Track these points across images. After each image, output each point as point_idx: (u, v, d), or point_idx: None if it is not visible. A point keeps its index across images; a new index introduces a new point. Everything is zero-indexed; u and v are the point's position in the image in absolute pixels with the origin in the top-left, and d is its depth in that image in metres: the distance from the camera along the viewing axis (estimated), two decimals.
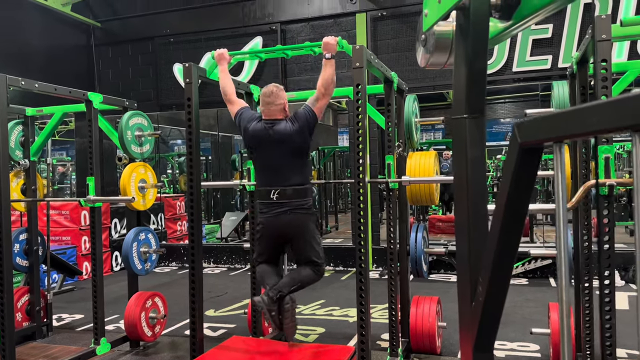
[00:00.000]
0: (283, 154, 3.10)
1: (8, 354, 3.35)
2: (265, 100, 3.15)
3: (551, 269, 6.48)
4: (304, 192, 3.13)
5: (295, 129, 3.08)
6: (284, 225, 3.11)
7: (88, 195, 3.98)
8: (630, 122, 0.60)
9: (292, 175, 3.11)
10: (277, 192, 3.08)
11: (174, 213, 9.36)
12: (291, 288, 3.10)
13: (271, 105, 3.13)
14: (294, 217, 3.09)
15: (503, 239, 1.01)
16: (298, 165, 3.13)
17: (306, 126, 3.09)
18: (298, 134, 3.08)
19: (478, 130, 1.22)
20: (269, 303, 3.04)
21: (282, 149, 3.09)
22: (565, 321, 0.87)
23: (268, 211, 3.13)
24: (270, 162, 3.14)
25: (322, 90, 3.07)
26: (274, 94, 3.13)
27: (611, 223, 2.69)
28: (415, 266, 3.88)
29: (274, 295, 3.05)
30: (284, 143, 3.08)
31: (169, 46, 8.60)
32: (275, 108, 3.13)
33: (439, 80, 7.25)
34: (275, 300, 3.05)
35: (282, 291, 3.07)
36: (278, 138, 3.08)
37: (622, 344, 3.80)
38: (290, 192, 3.08)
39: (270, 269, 3.27)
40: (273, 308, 3.04)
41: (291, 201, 3.08)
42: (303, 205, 3.11)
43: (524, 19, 1.20)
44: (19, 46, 7.49)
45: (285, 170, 3.11)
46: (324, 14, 7.72)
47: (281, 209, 3.09)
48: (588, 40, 2.89)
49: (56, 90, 3.89)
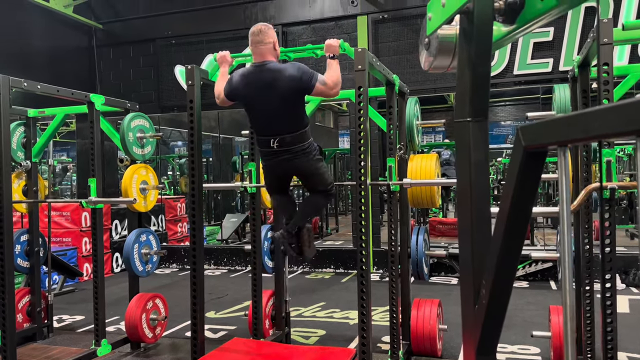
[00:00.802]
0: (276, 98, 2.97)
1: (9, 355, 3.35)
2: (254, 40, 3.00)
3: (552, 272, 6.47)
4: (303, 136, 3.08)
5: (289, 72, 2.94)
6: (289, 168, 3.17)
7: (89, 197, 3.98)
8: (635, 127, 0.60)
9: (289, 121, 3.04)
10: (277, 141, 3.04)
11: (175, 215, 9.36)
12: (306, 219, 3.29)
13: (260, 44, 3.00)
14: (298, 161, 3.10)
15: (507, 241, 1.02)
16: (293, 109, 3.04)
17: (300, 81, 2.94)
18: (290, 79, 2.94)
19: (481, 134, 1.22)
20: (288, 237, 3.23)
21: (274, 91, 2.97)
22: (569, 324, 0.87)
23: (271, 158, 3.13)
24: (265, 107, 3.03)
25: (331, 84, 2.96)
26: (262, 32, 3.01)
27: (612, 226, 2.69)
28: (416, 269, 3.89)
29: (292, 229, 3.22)
30: (275, 84, 2.95)
31: (170, 48, 8.62)
32: (265, 47, 3.00)
33: (440, 83, 7.26)
34: (294, 234, 3.23)
35: (299, 224, 3.24)
36: (270, 77, 2.96)
37: (624, 347, 3.80)
38: (290, 139, 3.03)
39: (283, 199, 3.40)
40: (293, 241, 3.23)
41: (292, 147, 3.05)
42: (304, 149, 3.09)
43: (527, 23, 1.21)
44: (20, 47, 7.50)
45: (281, 117, 3.02)
46: (325, 17, 7.73)
47: (283, 156, 3.08)
48: (590, 44, 2.89)
49: (58, 92, 3.90)
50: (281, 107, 3.01)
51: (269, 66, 3.00)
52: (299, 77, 2.94)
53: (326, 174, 3.28)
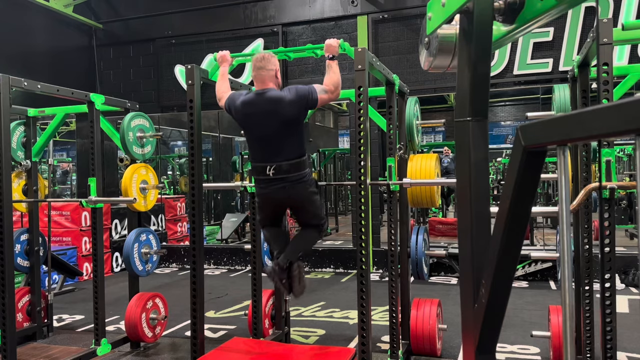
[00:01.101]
0: (276, 125, 2.99)
1: (9, 354, 3.35)
2: (256, 65, 3.05)
3: (551, 272, 6.48)
4: (300, 164, 3.07)
5: (290, 99, 2.97)
6: (284, 198, 3.14)
7: (89, 196, 3.98)
8: (635, 126, 0.60)
9: (287, 149, 3.03)
10: (273, 168, 3.02)
11: (175, 214, 9.36)
12: (298, 255, 3.23)
13: (262, 70, 3.04)
14: (293, 191, 3.08)
15: (506, 241, 1.02)
16: (292, 137, 3.04)
17: (302, 102, 2.99)
18: (290, 104, 2.97)
19: (481, 133, 1.23)
20: (279, 272, 3.16)
21: (274, 119, 2.99)
22: (569, 323, 0.87)
23: (266, 186, 3.10)
24: (264, 134, 3.04)
25: (332, 88, 2.99)
26: (265, 59, 3.05)
27: (612, 226, 2.69)
28: (415, 268, 3.89)
29: (284, 264, 3.15)
30: (275, 112, 2.98)
31: (170, 47, 8.62)
32: (267, 74, 3.04)
33: (439, 83, 7.26)
34: (285, 269, 3.17)
35: (290, 259, 3.18)
36: (270, 106, 2.99)
37: (623, 347, 3.81)
38: (287, 167, 3.02)
39: (275, 231, 3.36)
40: (283, 276, 3.17)
41: (288, 176, 3.04)
42: (300, 178, 3.07)
43: (526, 22, 1.21)
44: (21, 47, 7.50)
45: (279, 144, 3.03)
46: (325, 16, 7.73)
47: (279, 184, 3.05)
48: (590, 44, 2.90)
49: (58, 91, 3.90)
50: (280, 134, 3.02)
51: (270, 95, 3.01)
52: (300, 99, 2.98)
53: (320, 208, 3.28)
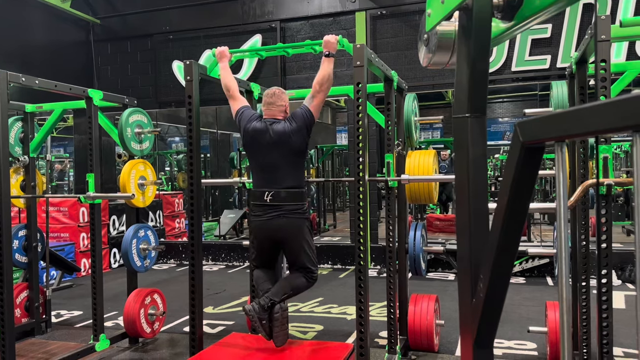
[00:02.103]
0: (280, 154, 3.09)
1: (7, 350, 3.36)
2: (267, 101, 3.20)
3: (548, 268, 6.50)
4: (298, 195, 3.10)
5: (293, 128, 3.09)
6: (277, 229, 3.09)
7: (88, 192, 3.98)
8: (633, 122, 0.61)
9: (287, 178, 3.09)
10: (271, 194, 3.06)
11: (173, 210, 9.36)
12: (282, 296, 3.10)
13: (272, 105, 3.18)
14: (287, 221, 3.07)
15: (504, 236, 1.03)
16: (294, 167, 3.12)
17: (304, 126, 3.10)
18: (296, 133, 3.08)
19: (479, 130, 1.23)
20: (259, 311, 3.02)
21: (279, 149, 3.09)
22: (566, 317, 0.88)
23: (262, 214, 3.11)
24: (267, 162, 3.13)
25: (317, 87, 3.08)
26: (276, 95, 3.19)
27: (609, 222, 2.71)
28: (413, 264, 3.90)
29: (265, 303, 3.03)
30: (281, 143, 3.09)
31: (168, 43, 8.59)
32: (276, 109, 3.18)
33: (438, 80, 7.26)
34: (267, 309, 3.03)
35: (273, 300, 3.06)
36: (276, 137, 3.09)
37: (619, 342, 3.83)
38: (285, 195, 3.06)
39: (265, 274, 3.27)
40: (264, 317, 3.03)
41: (285, 205, 3.06)
42: (297, 209, 3.09)
43: (525, 19, 1.21)
44: (18, 42, 7.47)
45: (280, 172, 3.10)
46: (324, 12, 7.72)
47: (274, 212, 3.07)
48: (587, 41, 2.90)
49: (56, 87, 3.89)
50: (283, 163, 3.10)
51: (278, 127, 3.12)
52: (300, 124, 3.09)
53: (313, 254, 3.22)
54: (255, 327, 3.08)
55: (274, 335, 3.06)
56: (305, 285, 3.20)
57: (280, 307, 3.06)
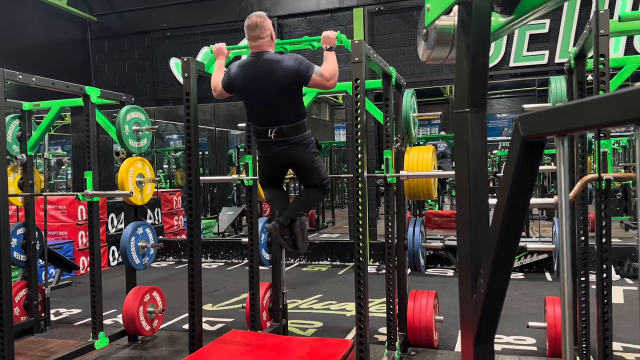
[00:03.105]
0: (275, 88, 3.00)
1: (6, 348, 3.35)
2: (250, 35, 3.02)
3: (547, 263, 6.51)
4: (301, 127, 3.10)
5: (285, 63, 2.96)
6: (284, 159, 3.18)
7: (86, 190, 3.97)
8: (635, 115, 0.60)
9: (287, 112, 3.06)
10: (275, 131, 3.05)
11: (171, 208, 9.34)
12: (299, 212, 3.29)
13: (258, 38, 3.02)
14: (294, 152, 3.11)
15: (505, 232, 1.02)
16: (291, 100, 3.07)
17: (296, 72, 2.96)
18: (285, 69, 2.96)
19: (479, 124, 1.23)
20: (280, 229, 3.24)
21: (273, 81, 2.99)
22: (568, 312, 0.88)
23: (267, 149, 3.15)
24: (263, 97, 3.05)
25: (328, 76, 2.98)
26: (259, 26, 3.00)
27: (608, 218, 2.70)
28: (412, 260, 3.90)
29: (284, 221, 3.23)
30: (272, 72, 2.99)
31: (165, 40, 8.56)
32: (263, 41, 3.02)
33: (436, 75, 7.25)
34: (287, 226, 3.24)
35: (291, 216, 3.25)
36: (267, 66, 2.99)
37: (618, 337, 3.84)
38: (288, 130, 3.06)
39: (277, 191, 3.42)
40: (285, 232, 3.25)
41: (289, 138, 3.07)
42: (301, 140, 3.10)
43: (525, 13, 1.21)
44: (15, 40, 7.44)
45: (279, 107, 3.05)
46: (321, 9, 7.69)
47: (281, 147, 3.09)
48: (586, 36, 2.89)
49: (53, 85, 3.87)
50: (278, 97, 3.03)
51: (266, 57, 3.02)
52: (296, 68, 2.97)
53: (322, 168, 3.30)
54: (279, 242, 3.39)
55: (297, 246, 3.31)
56: (319, 196, 3.43)
57: (299, 221, 3.27)
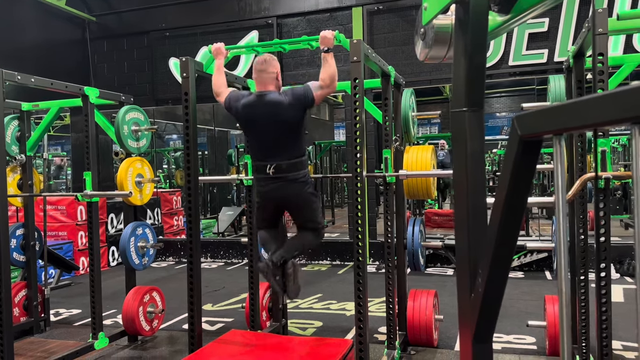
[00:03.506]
0: (276, 127, 3.05)
1: (6, 349, 3.35)
2: (257, 68, 3.10)
3: (547, 262, 6.51)
4: (300, 164, 3.11)
5: (288, 102, 3.02)
6: (282, 197, 3.16)
7: (85, 190, 3.96)
8: (632, 114, 0.60)
9: (287, 149, 3.08)
10: (274, 167, 3.06)
11: (171, 208, 9.34)
12: (293, 253, 3.21)
13: (263, 73, 3.08)
14: (291, 189, 3.11)
15: (503, 230, 1.02)
16: (292, 137, 3.09)
17: (300, 104, 3.03)
18: (290, 107, 3.02)
19: (477, 124, 1.23)
20: (273, 268, 3.13)
21: (274, 121, 3.03)
22: (565, 311, 0.88)
23: (265, 185, 3.14)
24: (265, 136, 3.09)
25: (328, 81, 3.01)
26: (267, 62, 3.10)
27: (607, 216, 2.70)
28: (412, 260, 3.90)
29: (277, 260, 3.13)
30: (275, 114, 3.03)
31: (164, 40, 8.56)
32: (268, 76, 3.09)
33: (435, 75, 7.25)
34: (279, 266, 3.14)
35: (285, 256, 3.16)
36: (270, 109, 3.03)
37: (618, 336, 3.83)
38: (287, 167, 3.07)
39: (271, 234, 3.34)
40: (277, 272, 3.14)
41: (287, 175, 3.08)
42: (299, 177, 3.10)
43: (522, 12, 1.21)
44: (13, 40, 7.44)
45: (279, 144, 3.08)
46: (320, 8, 7.69)
47: (278, 182, 3.09)
48: (585, 34, 2.89)
49: (52, 85, 3.87)
50: (280, 135, 3.07)
51: (270, 97, 3.05)
52: (298, 101, 3.02)
53: (318, 211, 3.28)
54: (270, 282, 3.20)
55: (287, 290, 3.19)
56: (314, 240, 3.30)
57: (292, 262, 3.18)
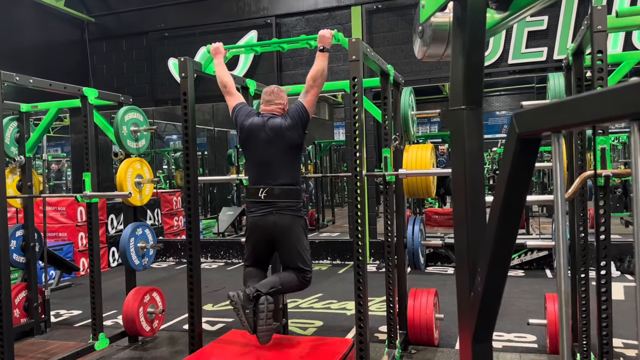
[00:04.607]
0: (275, 150, 3.07)
1: (6, 351, 3.35)
2: (266, 99, 3.19)
3: (547, 260, 6.51)
4: (293, 192, 3.05)
5: (288, 124, 3.07)
6: (270, 226, 3.01)
7: (84, 191, 3.96)
8: (630, 110, 0.60)
9: (282, 174, 3.06)
10: (265, 191, 3.03)
11: (171, 208, 9.34)
12: (270, 289, 2.93)
13: (271, 103, 3.17)
14: (280, 218, 2.99)
15: (501, 229, 1.02)
16: (289, 163, 3.10)
17: (299, 121, 3.07)
18: (291, 128, 3.06)
19: (476, 122, 1.22)
20: (244, 300, 2.83)
21: (274, 144, 3.07)
22: (564, 309, 0.87)
23: (255, 210, 3.07)
24: (262, 158, 3.11)
25: (311, 82, 3.05)
26: (274, 93, 3.18)
27: (607, 214, 2.70)
28: (412, 259, 3.89)
29: (250, 293, 2.87)
30: (277, 138, 3.07)
31: (163, 41, 8.56)
32: (275, 107, 3.17)
33: (434, 73, 7.24)
34: (251, 299, 2.85)
35: (259, 290, 2.89)
36: (272, 133, 3.07)
37: (618, 334, 3.83)
38: (279, 192, 3.02)
39: (255, 272, 3.16)
40: (247, 306, 2.83)
41: (278, 201, 3.01)
42: (291, 206, 3.03)
43: (520, 9, 1.20)
44: (11, 42, 7.43)
45: (275, 168, 3.07)
46: (319, 7, 7.68)
47: (268, 208, 3.02)
48: (584, 32, 2.89)
49: (51, 86, 3.87)
50: (278, 159, 3.08)
51: (273, 122, 3.10)
52: (295, 120, 3.07)
53: (308, 254, 3.10)
54: (239, 317, 2.86)
55: (257, 330, 2.86)
56: (297, 284, 3.06)
57: (266, 298, 2.87)
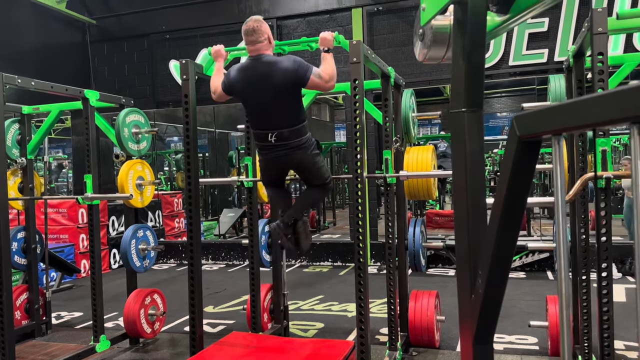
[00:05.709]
0: (274, 91, 2.99)
1: (8, 352, 3.35)
2: (248, 40, 3.02)
3: (548, 262, 6.50)
4: (300, 130, 3.09)
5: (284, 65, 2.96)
6: (286, 162, 3.19)
7: (86, 193, 3.96)
8: (630, 113, 0.60)
9: (287, 116, 3.04)
10: (275, 135, 3.04)
11: (172, 210, 9.35)
12: (303, 212, 3.32)
13: (255, 42, 3.02)
14: (295, 156, 3.11)
15: (502, 231, 1.02)
16: (291, 103, 3.05)
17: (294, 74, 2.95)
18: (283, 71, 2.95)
19: (476, 124, 1.22)
20: (284, 228, 3.24)
21: (271, 84, 2.98)
22: (565, 312, 0.87)
23: (267, 153, 3.14)
24: (263, 101, 3.04)
25: (327, 78, 2.97)
26: (256, 31, 2.99)
27: (608, 216, 2.70)
28: (413, 260, 3.89)
29: (288, 221, 3.23)
30: (272, 76, 2.97)
31: (164, 43, 8.57)
32: (261, 45, 3.03)
33: (435, 75, 7.25)
34: (290, 225, 3.24)
35: (295, 216, 3.25)
36: (266, 71, 2.98)
37: (620, 336, 3.83)
38: (288, 134, 3.04)
39: (277, 192, 3.43)
40: (289, 232, 3.25)
41: (289, 142, 3.06)
42: (302, 144, 3.09)
43: (521, 12, 1.20)
44: (13, 44, 7.45)
45: (278, 111, 3.04)
46: (320, 10, 7.69)
47: (281, 150, 3.08)
48: (584, 34, 2.89)
49: (52, 88, 3.87)
50: (278, 100, 3.01)
51: (265, 59, 3.02)
52: (294, 70, 2.95)
53: (323, 168, 3.31)
54: (282, 241, 3.34)
55: (300, 245, 3.30)
56: (322, 195, 3.42)
57: (302, 220, 3.29)
